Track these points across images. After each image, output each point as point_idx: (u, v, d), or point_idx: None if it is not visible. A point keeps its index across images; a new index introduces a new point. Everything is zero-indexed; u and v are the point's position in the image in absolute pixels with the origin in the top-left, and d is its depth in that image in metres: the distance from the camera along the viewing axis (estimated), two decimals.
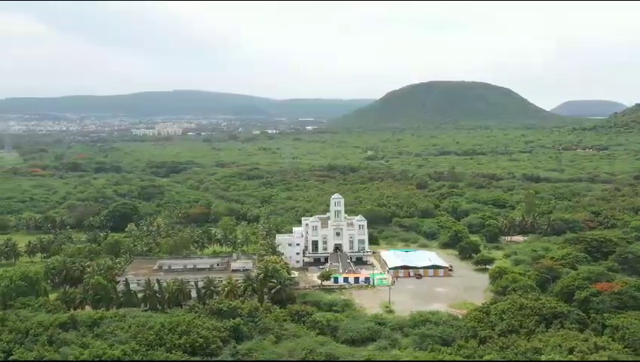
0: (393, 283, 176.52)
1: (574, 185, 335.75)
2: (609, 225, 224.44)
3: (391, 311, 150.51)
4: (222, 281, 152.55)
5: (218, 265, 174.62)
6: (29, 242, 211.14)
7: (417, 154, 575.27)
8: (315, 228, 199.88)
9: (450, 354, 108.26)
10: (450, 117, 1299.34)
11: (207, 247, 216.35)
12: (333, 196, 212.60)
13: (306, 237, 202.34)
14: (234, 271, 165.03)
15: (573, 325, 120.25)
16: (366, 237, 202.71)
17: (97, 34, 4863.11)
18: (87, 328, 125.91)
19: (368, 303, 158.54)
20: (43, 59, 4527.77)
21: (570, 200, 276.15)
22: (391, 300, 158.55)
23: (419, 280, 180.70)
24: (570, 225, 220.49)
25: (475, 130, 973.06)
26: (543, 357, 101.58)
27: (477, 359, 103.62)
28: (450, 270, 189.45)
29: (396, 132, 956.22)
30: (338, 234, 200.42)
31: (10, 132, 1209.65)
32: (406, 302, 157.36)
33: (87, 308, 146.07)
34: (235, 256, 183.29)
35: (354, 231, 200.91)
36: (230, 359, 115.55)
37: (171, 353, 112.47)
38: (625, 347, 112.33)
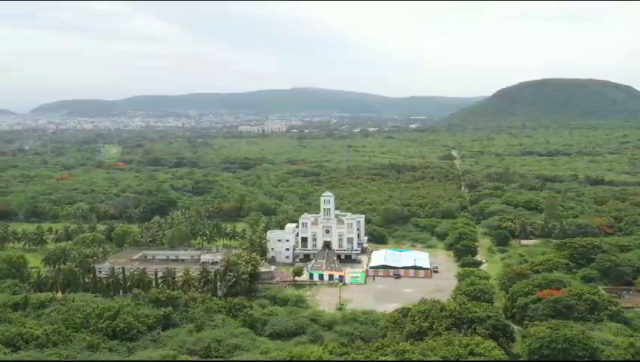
0: (365, 281, 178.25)
1: (633, 188, 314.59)
2: (628, 231, 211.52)
3: (341, 309, 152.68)
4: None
5: (197, 257, 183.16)
6: (56, 230, 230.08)
7: (498, 154, 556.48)
8: (305, 224, 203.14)
9: (331, 351, 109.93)
10: (561, 115, 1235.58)
11: (216, 240, 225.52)
12: (322, 194, 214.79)
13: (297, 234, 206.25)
14: (203, 263, 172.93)
15: (486, 330, 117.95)
16: (355, 236, 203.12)
17: (224, 35, 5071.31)
18: (34, 309, 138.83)
19: (327, 300, 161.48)
20: (172, 59, 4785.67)
21: (601, 205, 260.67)
22: (352, 298, 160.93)
23: (396, 280, 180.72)
24: (583, 230, 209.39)
25: (579, 129, 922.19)
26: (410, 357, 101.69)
27: (345, 359, 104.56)
28: (435, 271, 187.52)
29: (499, 131, 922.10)
30: (327, 231, 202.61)
31: (131, 127, 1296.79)
32: (364, 301, 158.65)
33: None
34: (214, 249, 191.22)
35: (343, 229, 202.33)
36: (148, 344, 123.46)
37: (90, 336, 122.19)
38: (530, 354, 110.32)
